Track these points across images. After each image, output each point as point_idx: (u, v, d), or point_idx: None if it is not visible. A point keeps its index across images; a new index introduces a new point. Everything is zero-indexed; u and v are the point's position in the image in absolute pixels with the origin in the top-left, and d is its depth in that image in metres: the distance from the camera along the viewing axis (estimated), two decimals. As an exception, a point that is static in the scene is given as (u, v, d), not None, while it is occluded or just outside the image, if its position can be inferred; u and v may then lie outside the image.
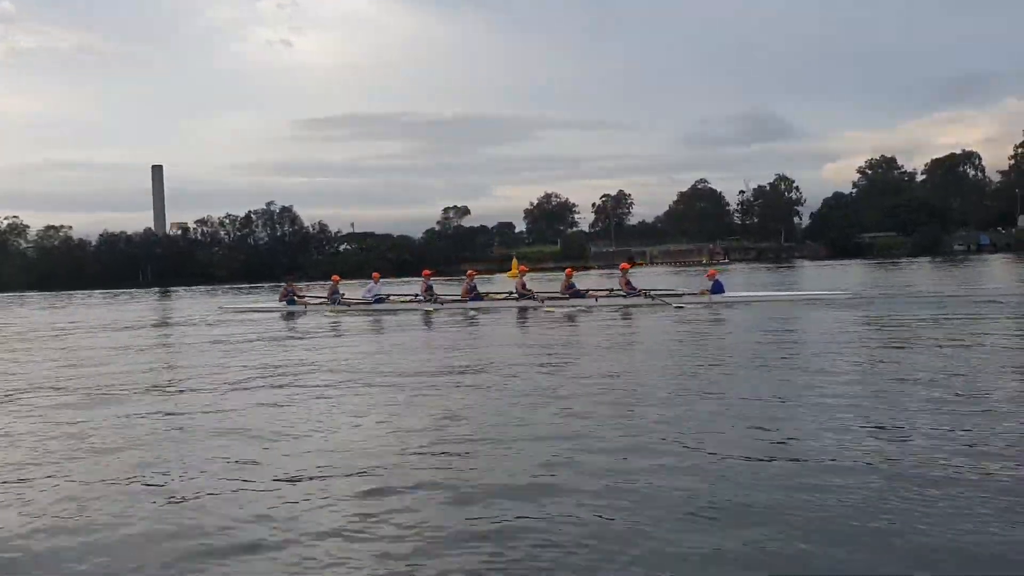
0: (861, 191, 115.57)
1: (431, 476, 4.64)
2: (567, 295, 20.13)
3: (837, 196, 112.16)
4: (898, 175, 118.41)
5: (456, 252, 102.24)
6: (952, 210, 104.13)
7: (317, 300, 22.84)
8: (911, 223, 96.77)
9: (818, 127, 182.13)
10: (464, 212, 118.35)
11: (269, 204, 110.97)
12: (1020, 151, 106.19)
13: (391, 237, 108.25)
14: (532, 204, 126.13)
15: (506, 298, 21.32)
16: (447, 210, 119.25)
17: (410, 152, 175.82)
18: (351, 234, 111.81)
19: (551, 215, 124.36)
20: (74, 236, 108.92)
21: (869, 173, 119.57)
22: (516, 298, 20.80)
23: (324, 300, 22.42)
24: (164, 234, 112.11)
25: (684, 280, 33.02)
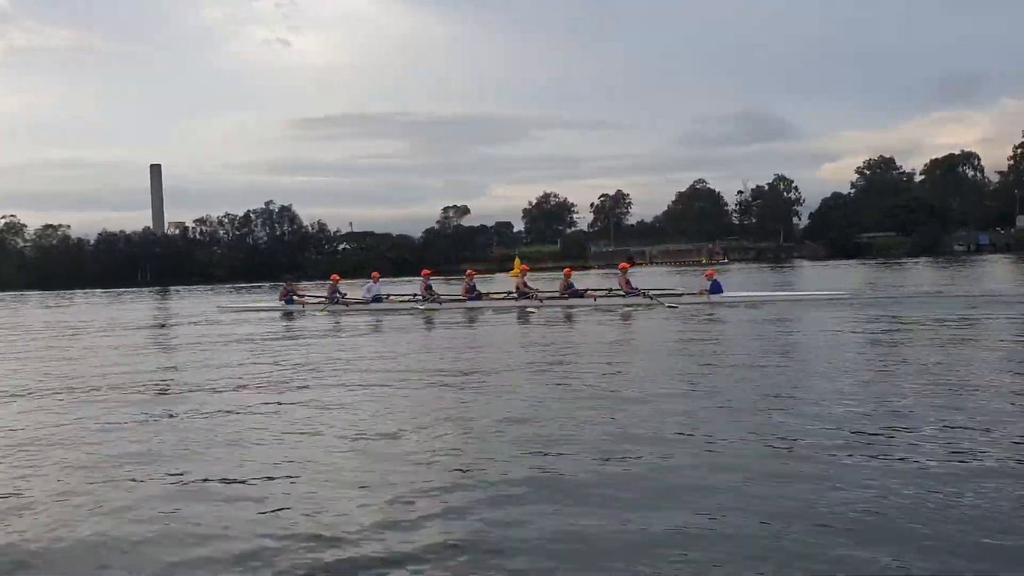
0: (860, 191, 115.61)
1: (427, 475, 4.62)
2: (566, 295, 20.02)
3: (836, 196, 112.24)
4: (897, 175, 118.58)
5: (456, 252, 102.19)
6: (951, 210, 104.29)
7: (315, 300, 22.73)
8: (910, 223, 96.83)
9: (816, 127, 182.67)
10: (464, 211, 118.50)
11: (268, 203, 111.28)
12: (1019, 151, 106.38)
13: (390, 236, 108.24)
14: (531, 204, 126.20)
15: (505, 298, 21.12)
16: (447, 209, 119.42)
17: (408, 151, 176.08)
18: (350, 233, 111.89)
19: (550, 215, 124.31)
20: (72, 235, 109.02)
21: (867, 173, 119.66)
22: (516, 297, 20.63)
23: (323, 300, 22.29)
24: (163, 233, 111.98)
25: (683, 280, 32.93)
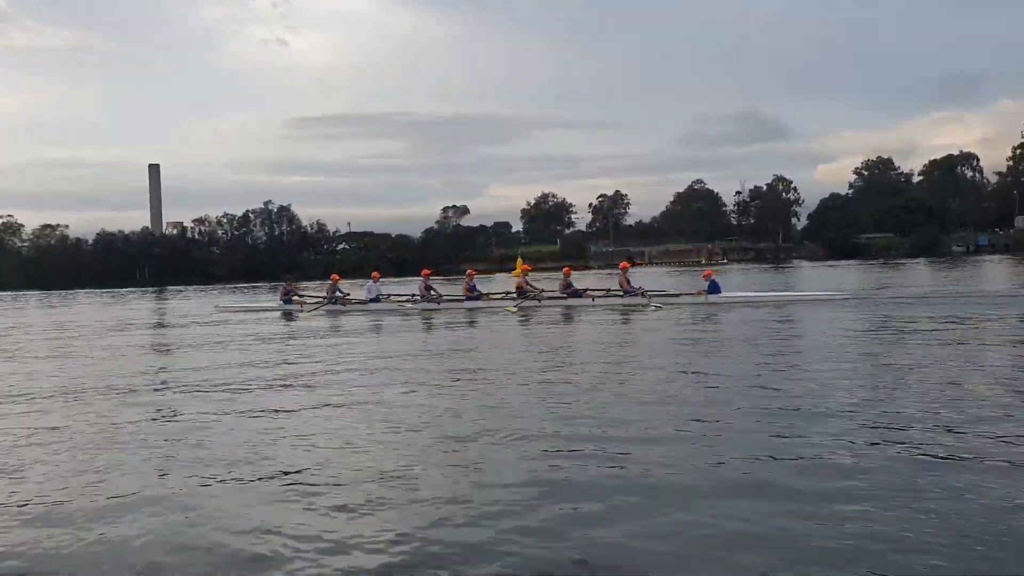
0: (858, 191, 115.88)
1: (425, 475, 4.59)
2: (565, 294, 19.98)
3: (834, 197, 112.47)
4: (895, 176, 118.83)
5: (456, 252, 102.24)
6: (950, 211, 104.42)
7: (314, 299, 22.67)
8: (909, 224, 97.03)
9: (814, 127, 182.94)
10: (464, 211, 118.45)
11: (267, 203, 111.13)
12: (1018, 152, 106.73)
13: (390, 236, 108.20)
14: (529, 204, 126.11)
15: (503, 297, 20.98)
16: (446, 209, 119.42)
17: (406, 151, 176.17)
18: (349, 233, 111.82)
19: (548, 215, 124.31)
20: (70, 235, 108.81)
21: (866, 174, 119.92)
22: (514, 297, 20.52)
23: (321, 300, 22.24)
24: (162, 233, 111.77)
25: (682, 280, 32.92)
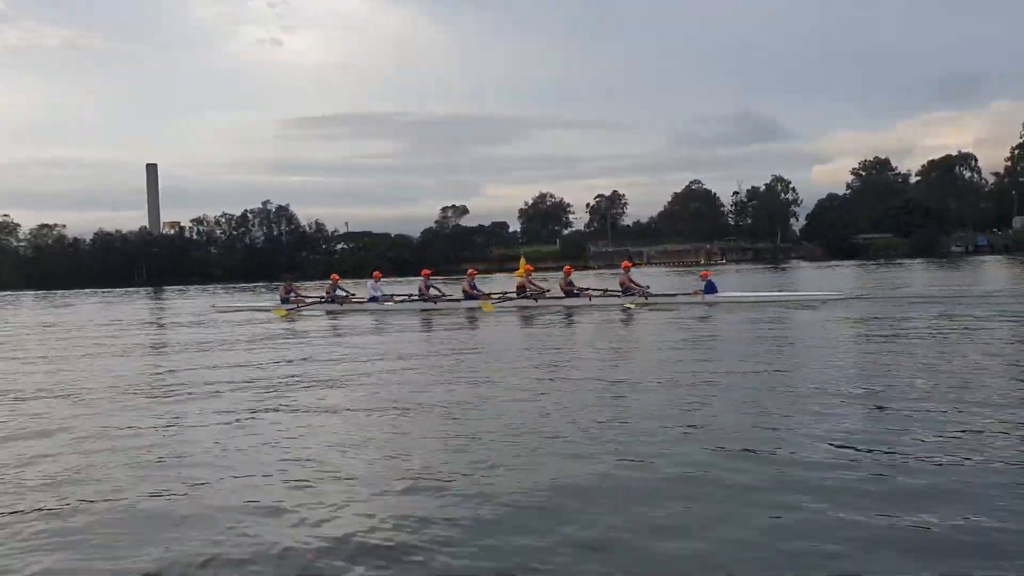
0: (855, 192, 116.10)
1: (419, 477, 4.55)
2: (563, 293, 19.90)
3: (831, 197, 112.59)
4: (892, 176, 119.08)
5: (455, 251, 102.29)
6: (949, 211, 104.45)
7: (310, 299, 22.53)
8: (908, 224, 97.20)
9: (808, 128, 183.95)
10: (463, 211, 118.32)
11: (265, 203, 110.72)
12: (1017, 152, 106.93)
13: (389, 236, 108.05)
14: (527, 204, 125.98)
15: (501, 297, 20.84)
16: (445, 209, 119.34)
17: (402, 151, 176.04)
18: (348, 233, 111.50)
19: (546, 215, 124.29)
20: (68, 235, 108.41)
21: (863, 174, 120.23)
22: (513, 296, 20.42)
23: (318, 299, 22.14)
24: (160, 233, 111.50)
25: (680, 280, 32.71)
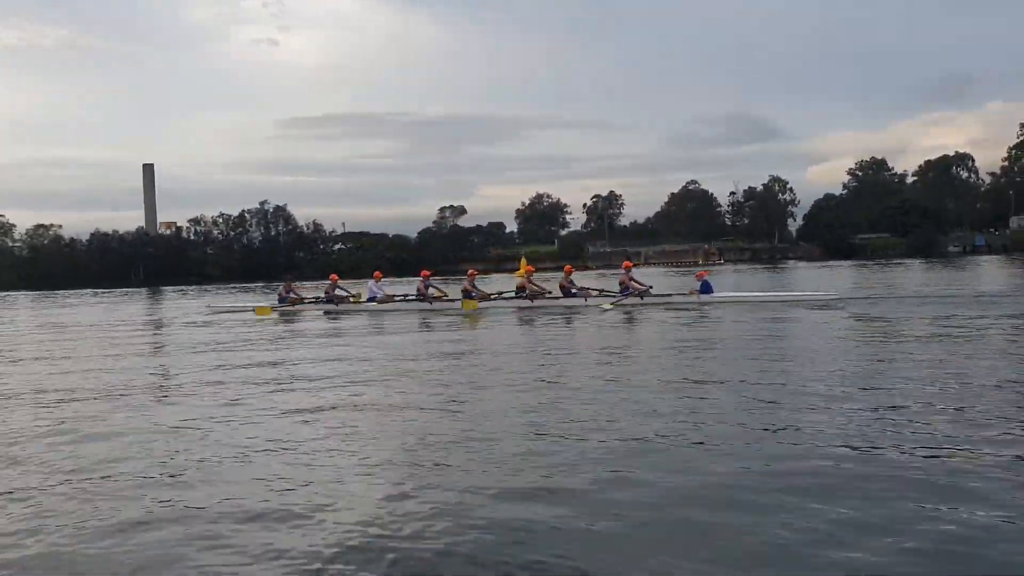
0: (852, 192, 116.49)
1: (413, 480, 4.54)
2: (564, 293, 19.91)
3: (828, 197, 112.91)
4: (888, 176, 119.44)
5: (453, 252, 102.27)
6: (946, 211, 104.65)
7: (306, 299, 22.50)
8: (905, 224, 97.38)
9: (803, 129, 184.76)
10: (461, 212, 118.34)
11: (263, 203, 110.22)
12: (1014, 152, 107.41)
13: (387, 236, 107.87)
14: (524, 204, 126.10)
15: (497, 296, 20.79)
16: (443, 209, 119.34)
17: (399, 151, 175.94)
18: (346, 233, 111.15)
19: (543, 215, 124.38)
20: (64, 235, 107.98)
21: (859, 175, 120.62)
22: (513, 296, 20.36)
23: (315, 299, 22.17)
24: (157, 233, 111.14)
25: (677, 280, 32.70)
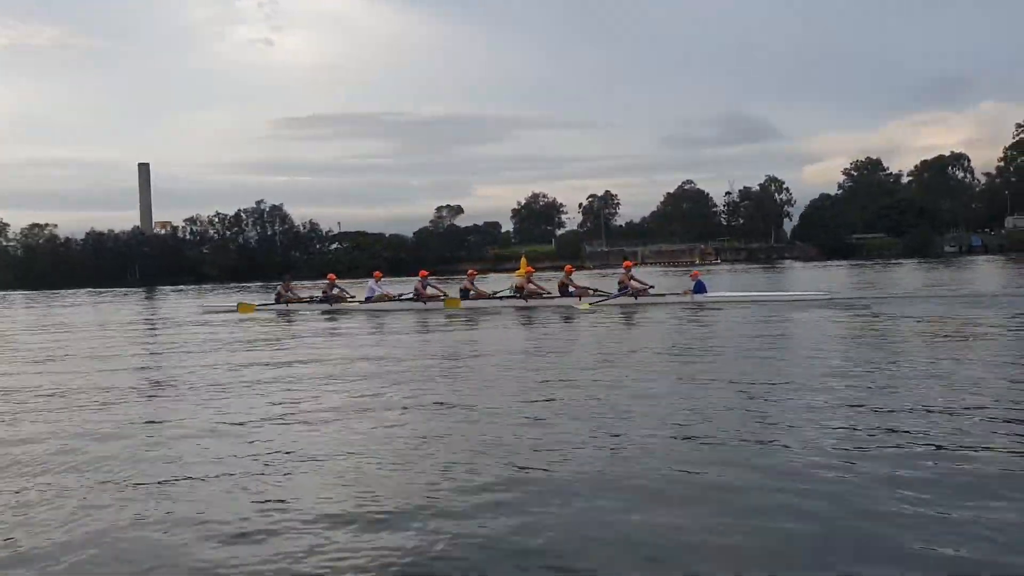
0: (847, 192, 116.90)
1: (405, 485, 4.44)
2: (561, 292, 19.83)
3: (824, 197, 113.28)
4: (884, 176, 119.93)
5: (450, 251, 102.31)
6: (942, 211, 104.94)
7: (301, 299, 22.42)
8: (901, 224, 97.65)
9: (798, 129, 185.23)
10: (458, 211, 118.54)
11: (259, 203, 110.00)
12: (1010, 153, 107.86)
13: (384, 236, 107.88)
14: (519, 204, 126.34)
15: (492, 296, 20.66)
16: (440, 209, 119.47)
17: (392, 151, 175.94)
18: (343, 233, 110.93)
19: (539, 215, 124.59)
20: (59, 235, 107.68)
21: (855, 174, 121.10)
22: (510, 296, 20.25)
23: (309, 299, 22.20)
24: (153, 233, 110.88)
25: (673, 280, 32.55)
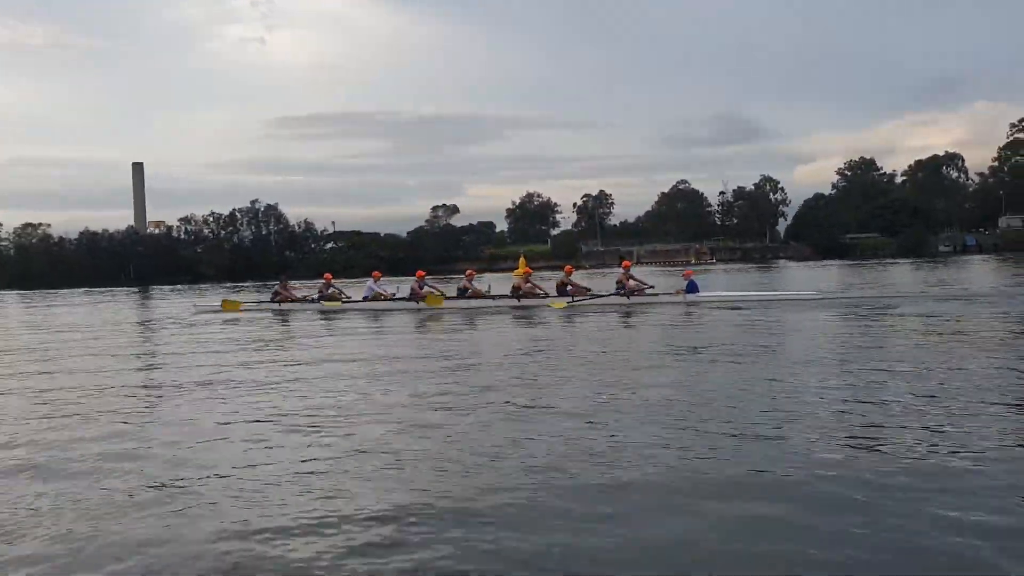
0: (841, 192, 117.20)
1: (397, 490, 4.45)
2: (558, 292, 19.77)
3: (818, 197, 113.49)
4: (877, 176, 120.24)
5: (446, 251, 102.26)
6: (936, 211, 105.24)
7: (297, 299, 22.36)
8: (895, 224, 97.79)
9: (790, 129, 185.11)
10: (454, 211, 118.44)
11: (254, 202, 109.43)
12: (1004, 153, 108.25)
13: (379, 235, 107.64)
14: (514, 203, 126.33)
15: (487, 296, 20.51)
16: (436, 208, 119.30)
17: (386, 151, 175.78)
18: (338, 232, 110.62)
19: (533, 215, 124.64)
20: (53, 234, 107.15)
21: (848, 174, 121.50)
22: (507, 296, 20.12)
23: (301, 298, 22.22)
24: (147, 232, 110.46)
25: (668, 280, 32.92)
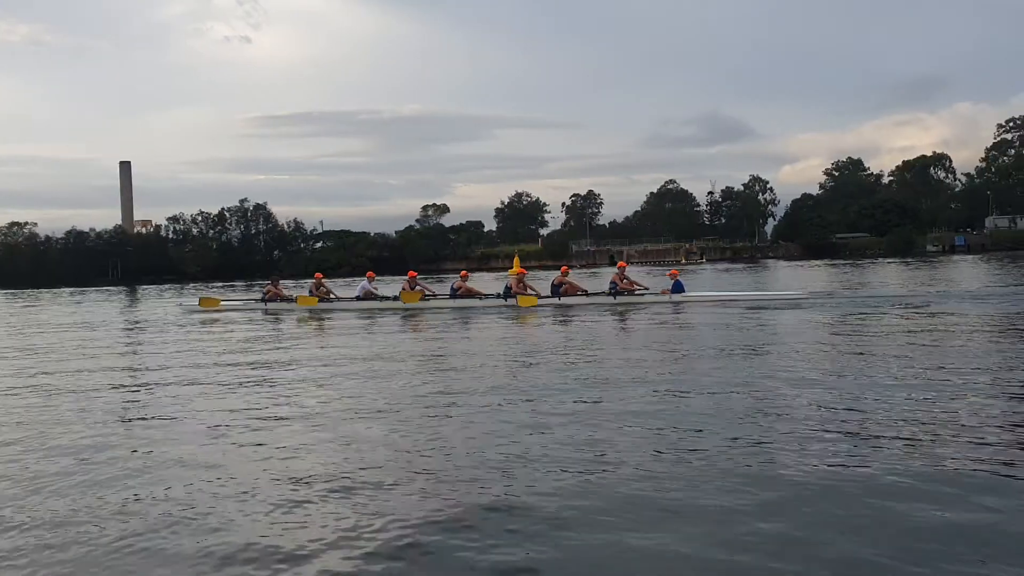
0: (829, 192, 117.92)
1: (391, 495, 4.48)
2: (552, 292, 19.82)
3: (806, 197, 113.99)
4: (864, 176, 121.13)
5: (435, 250, 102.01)
6: (923, 211, 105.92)
7: (286, 299, 22.44)
8: (884, 224, 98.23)
9: (775, 129, 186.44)
10: (443, 210, 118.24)
11: (242, 201, 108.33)
12: (991, 154, 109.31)
13: (368, 235, 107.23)
14: (503, 203, 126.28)
15: (479, 295, 20.50)
16: (426, 208, 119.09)
17: (369, 150, 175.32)
18: (327, 232, 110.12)
19: (521, 214, 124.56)
20: (39, 233, 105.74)
21: (836, 174, 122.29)
22: (498, 296, 20.15)
23: (291, 297, 22.36)
24: (135, 231, 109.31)
25: (658, 280, 32.99)
